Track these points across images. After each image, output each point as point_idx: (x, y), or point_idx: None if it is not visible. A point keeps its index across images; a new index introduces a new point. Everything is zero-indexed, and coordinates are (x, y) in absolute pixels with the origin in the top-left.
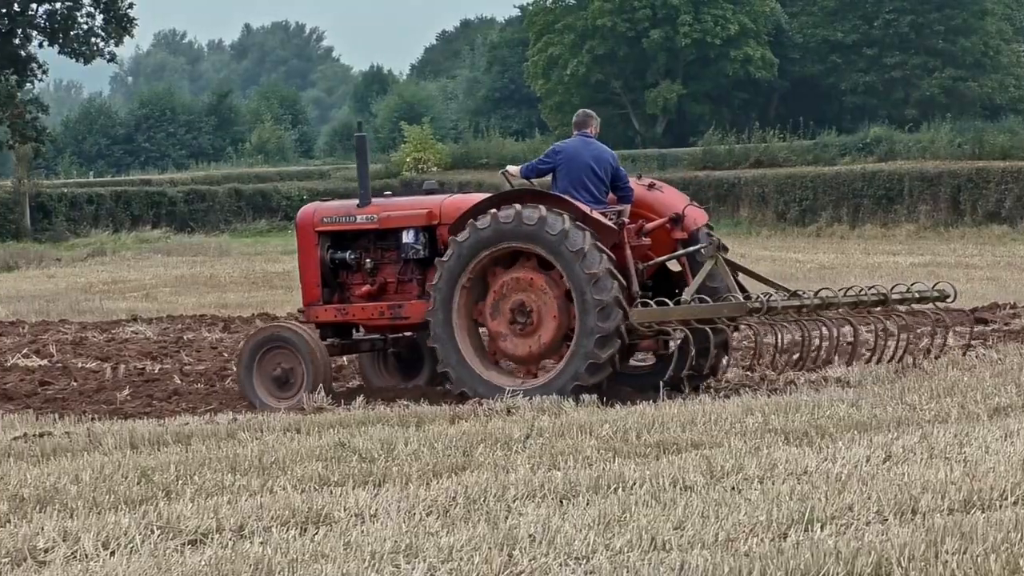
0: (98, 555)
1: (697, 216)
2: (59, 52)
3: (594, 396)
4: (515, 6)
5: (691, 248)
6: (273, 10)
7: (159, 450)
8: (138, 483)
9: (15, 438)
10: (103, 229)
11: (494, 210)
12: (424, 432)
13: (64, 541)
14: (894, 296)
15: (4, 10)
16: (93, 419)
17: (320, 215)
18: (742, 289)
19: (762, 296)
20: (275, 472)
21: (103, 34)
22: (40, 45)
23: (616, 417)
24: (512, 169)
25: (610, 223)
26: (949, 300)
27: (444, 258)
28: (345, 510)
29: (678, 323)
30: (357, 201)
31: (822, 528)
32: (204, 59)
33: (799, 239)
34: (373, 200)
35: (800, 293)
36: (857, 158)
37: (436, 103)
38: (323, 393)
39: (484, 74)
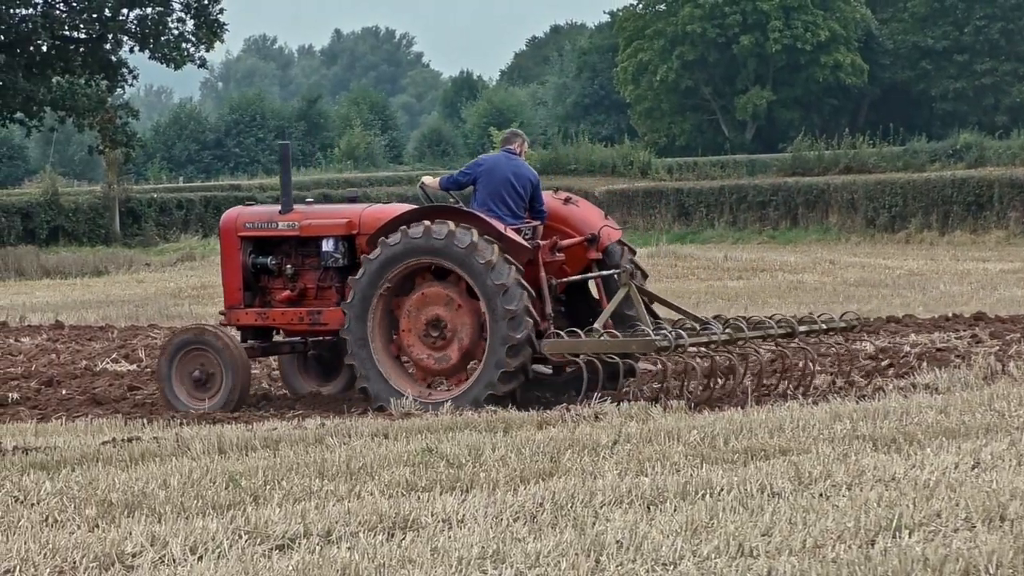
0: (186, 560)
1: (611, 233)
2: (150, 58)
3: (682, 401)
4: (605, 12)
5: (605, 272)
6: (364, 16)
7: (247, 455)
8: (226, 488)
9: (104, 443)
10: (192, 234)
11: (404, 227)
12: (511, 438)
13: (152, 546)
14: (801, 328)
15: (95, 16)
16: (181, 424)
17: (243, 220)
18: (655, 317)
19: (669, 332)
20: (363, 477)
21: (193, 40)
22: (131, 51)
23: (704, 423)
24: (428, 181)
25: (523, 240)
26: (856, 330)
27: (357, 276)
28: (432, 515)
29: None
30: (279, 207)
31: (910, 535)
32: (294, 64)
33: (888, 245)
34: (295, 207)
35: (710, 324)
36: (947, 164)
37: (525, 109)
38: (239, 396)
39: (574, 80)
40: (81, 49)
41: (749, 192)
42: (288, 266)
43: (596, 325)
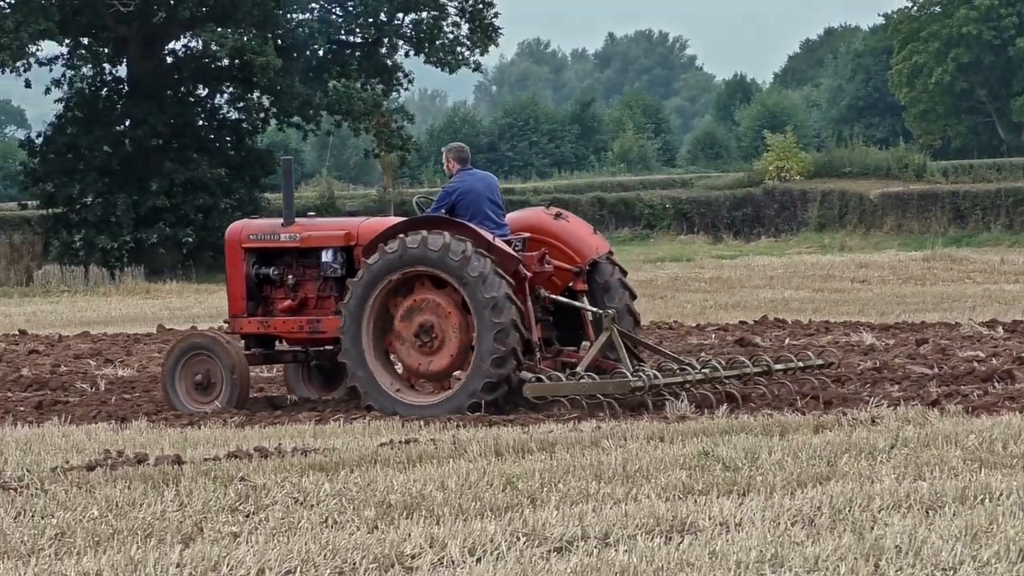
0: (464, 562)
1: (598, 245)
2: (425, 61)
3: (959, 405)
4: (879, 14)
5: (592, 308)
6: (637, 19)
7: (523, 457)
8: (503, 490)
9: (381, 444)
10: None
11: (402, 235)
12: (788, 442)
13: (431, 547)
14: (778, 367)
15: (371, 20)
16: (458, 426)
17: (247, 232)
18: (638, 359)
19: (641, 374)
20: (639, 480)
21: (468, 43)
22: (406, 55)
23: (982, 427)
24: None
25: (510, 250)
26: (834, 367)
27: (355, 279)
28: (710, 519)
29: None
30: (282, 220)
31: None
32: (567, 68)
33: None
34: (296, 220)
35: (690, 365)
36: None
37: (799, 111)
38: (238, 399)
39: (848, 82)
40: (357, 54)
41: None
42: (289, 276)
43: (579, 369)
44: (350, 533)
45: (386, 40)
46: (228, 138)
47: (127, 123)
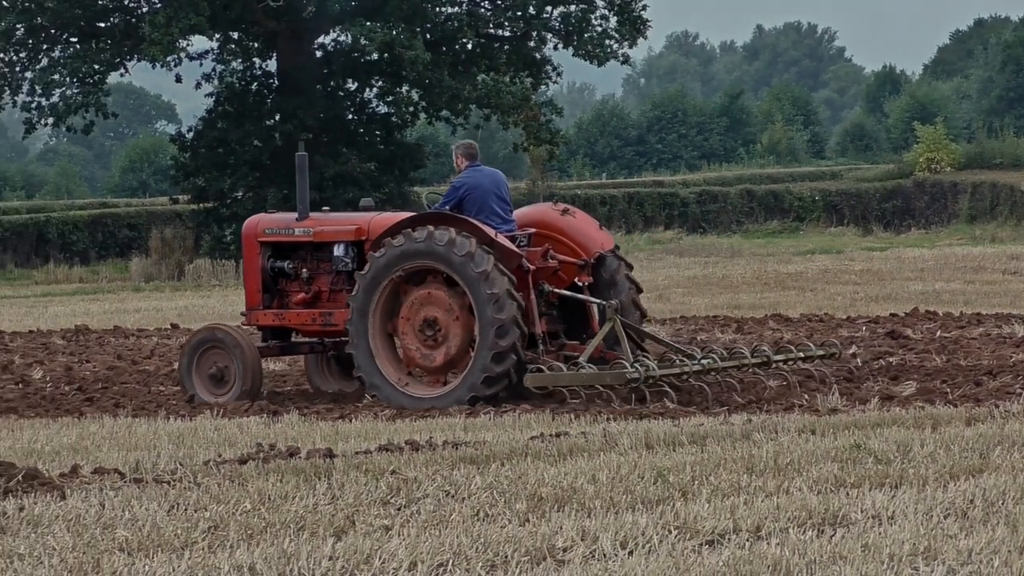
0: (616, 555)
1: (604, 240)
2: (573, 55)
3: None
4: None
5: (595, 300)
6: (786, 11)
7: (674, 450)
8: (654, 483)
9: (532, 438)
10: (616, 230)
11: (409, 230)
12: (940, 434)
13: (582, 540)
14: (777, 357)
15: (519, 13)
16: (608, 419)
17: (263, 227)
18: (641, 350)
19: (638, 365)
20: (790, 473)
21: (617, 36)
22: (555, 48)
23: None
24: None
25: (513, 246)
26: (836, 357)
27: (363, 272)
28: (862, 512)
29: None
30: (296, 215)
31: None
32: (716, 60)
33: None
34: (311, 215)
35: (693, 354)
36: None
37: (949, 103)
38: (251, 390)
39: (998, 73)
40: (506, 47)
41: None
42: (303, 270)
43: (580, 359)
44: (501, 526)
45: (535, 33)
46: (377, 132)
47: (277, 117)
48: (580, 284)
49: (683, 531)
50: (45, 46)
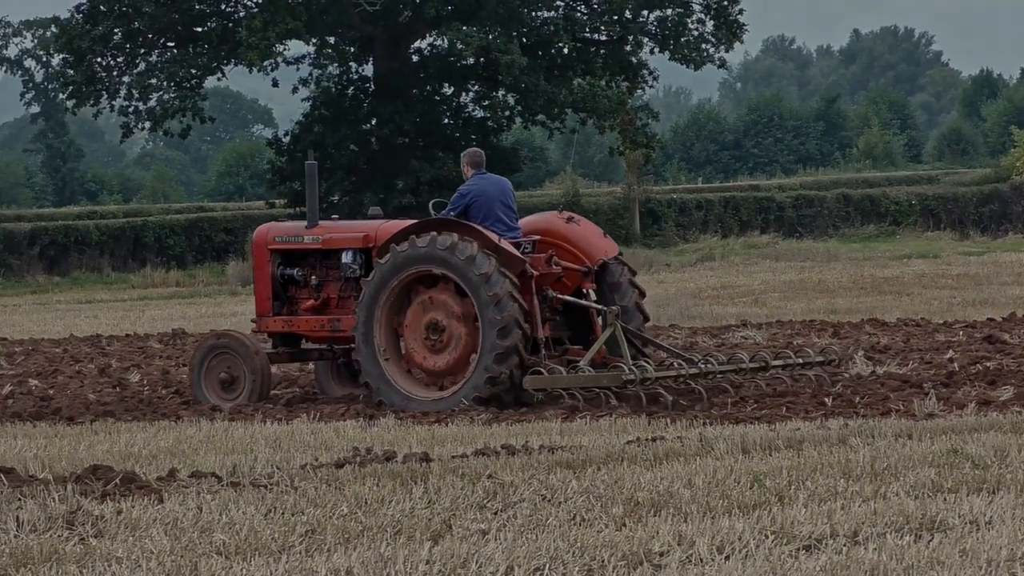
0: (713, 559)
1: (608, 248)
2: (670, 58)
3: None
4: None
5: (597, 306)
6: (883, 15)
7: (770, 455)
8: (751, 488)
9: (628, 442)
10: (712, 234)
11: (413, 236)
12: None
13: (679, 545)
14: (776, 363)
15: (615, 18)
16: (704, 424)
17: (272, 234)
18: (642, 354)
19: (635, 368)
20: (887, 478)
21: (713, 40)
22: (651, 52)
23: None
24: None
25: (516, 252)
26: (834, 364)
27: (368, 278)
28: (959, 517)
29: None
30: (306, 223)
31: None
32: (812, 64)
33: None
34: (320, 223)
35: (694, 359)
36: None
37: None
38: (259, 394)
39: None
40: (602, 51)
41: None
42: (312, 277)
43: (581, 363)
44: (598, 531)
45: (631, 37)
46: (473, 136)
47: (373, 122)
48: (584, 291)
49: (780, 536)
50: (143, 50)
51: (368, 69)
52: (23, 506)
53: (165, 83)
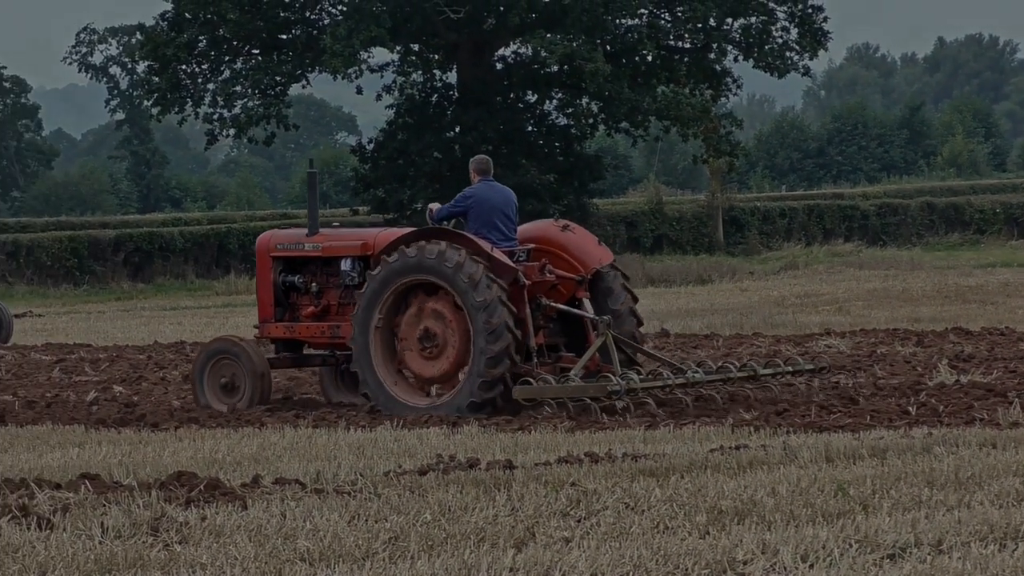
0: (797, 568)
1: (602, 256)
2: (754, 66)
3: None
4: None
5: (589, 315)
6: (967, 23)
7: (854, 463)
8: (834, 496)
9: (711, 450)
10: (795, 243)
11: (403, 247)
12: None
13: (763, 553)
14: (765, 372)
15: (700, 25)
16: (788, 432)
17: (275, 242)
18: (634, 363)
19: (619, 378)
20: (971, 487)
21: (797, 48)
22: (735, 59)
23: None
24: (435, 208)
25: (508, 260)
26: (825, 372)
27: (362, 290)
28: None
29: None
30: (307, 230)
31: None
32: (896, 72)
33: None
34: (320, 230)
35: (683, 369)
36: None
37: None
38: (259, 399)
39: None
40: (686, 59)
41: None
42: (313, 284)
43: (572, 372)
44: (681, 539)
45: (715, 45)
46: (557, 144)
47: (457, 129)
48: (579, 299)
49: (864, 545)
50: (227, 58)
51: (452, 76)
52: (108, 512)
53: (249, 90)
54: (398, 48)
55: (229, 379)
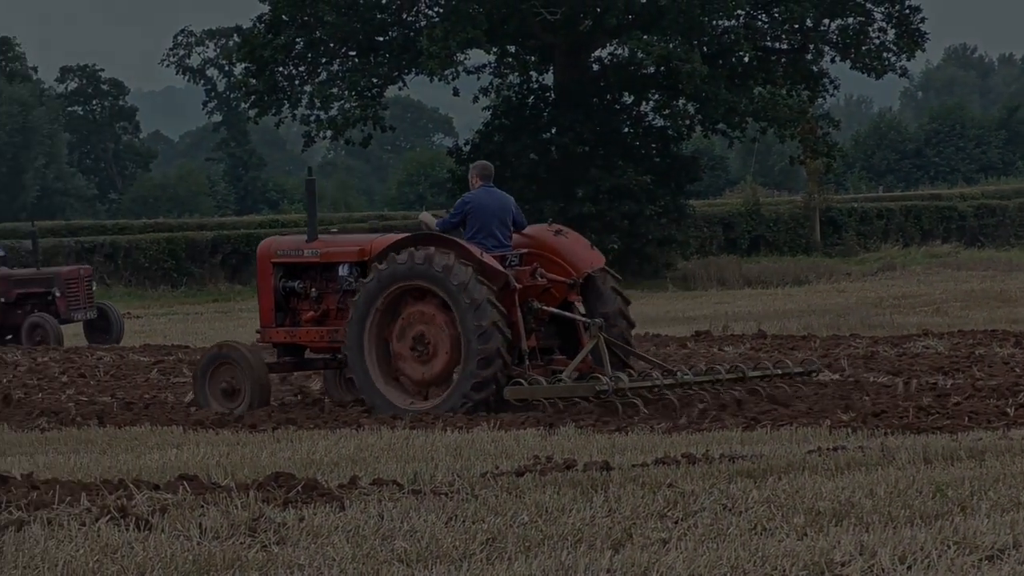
0: (895, 569)
1: (594, 259)
2: (851, 67)
3: None
4: None
5: (581, 318)
6: None
7: (952, 465)
8: (932, 498)
9: (809, 452)
10: (893, 244)
11: (393, 253)
12: None
13: (861, 555)
14: (754, 374)
15: (797, 26)
16: (886, 433)
17: (275, 248)
18: (625, 365)
19: (608, 379)
20: None
21: (894, 49)
22: (832, 60)
23: None
24: (427, 220)
25: (498, 265)
26: (815, 375)
27: (355, 297)
28: None
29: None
30: (306, 237)
31: None
32: (995, 73)
33: None
34: (319, 236)
35: (670, 372)
36: None
37: None
38: (259, 402)
39: None
40: (782, 60)
41: None
42: (312, 289)
43: (563, 374)
44: (779, 540)
45: (812, 46)
46: (653, 145)
47: (553, 131)
48: (571, 302)
49: (962, 546)
50: (324, 60)
51: (548, 78)
52: (206, 513)
53: (346, 92)
54: (494, 50)
55: (229, 384)
